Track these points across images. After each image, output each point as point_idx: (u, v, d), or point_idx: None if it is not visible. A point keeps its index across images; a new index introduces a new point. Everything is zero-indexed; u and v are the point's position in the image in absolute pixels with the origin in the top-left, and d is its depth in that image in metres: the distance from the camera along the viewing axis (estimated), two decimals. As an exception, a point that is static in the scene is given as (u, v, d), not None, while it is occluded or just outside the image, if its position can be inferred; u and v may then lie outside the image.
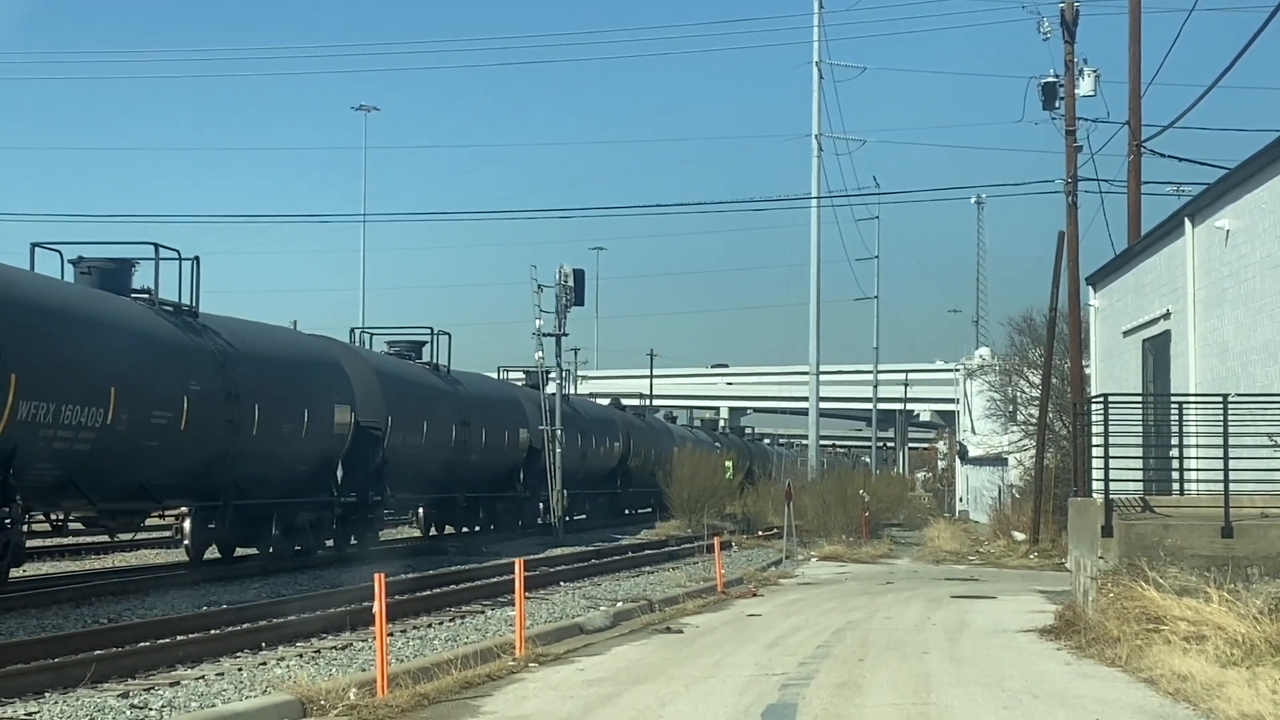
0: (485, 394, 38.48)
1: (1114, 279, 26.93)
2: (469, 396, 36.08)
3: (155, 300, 23.28)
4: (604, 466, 49.76)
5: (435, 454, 33.28)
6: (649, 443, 55.46)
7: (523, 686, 13.41)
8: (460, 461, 34.91)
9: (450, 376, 35.98)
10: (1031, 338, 44.99)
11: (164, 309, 23.37)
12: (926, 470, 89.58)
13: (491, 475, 37.99)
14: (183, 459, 22.67)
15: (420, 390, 33.51)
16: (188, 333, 23.40)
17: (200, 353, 23.40)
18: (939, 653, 15.82)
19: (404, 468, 31.42)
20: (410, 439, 31.68)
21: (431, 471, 33.30)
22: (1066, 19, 32.67)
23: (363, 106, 78.06)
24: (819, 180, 56.85)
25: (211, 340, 23.98)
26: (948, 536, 39.17)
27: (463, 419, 34.88)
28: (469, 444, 35.32)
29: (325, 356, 28.95)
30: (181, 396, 22.19)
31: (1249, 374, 18.66)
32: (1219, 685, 12.04)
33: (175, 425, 22.01)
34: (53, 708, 11.74)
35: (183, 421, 22.14)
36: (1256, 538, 15.76)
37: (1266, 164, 18.31)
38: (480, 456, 36.28)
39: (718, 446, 62.67)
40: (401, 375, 33.25)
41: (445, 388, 35.10)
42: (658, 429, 59.68)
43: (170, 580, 22.34)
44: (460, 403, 35.13)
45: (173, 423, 21.94)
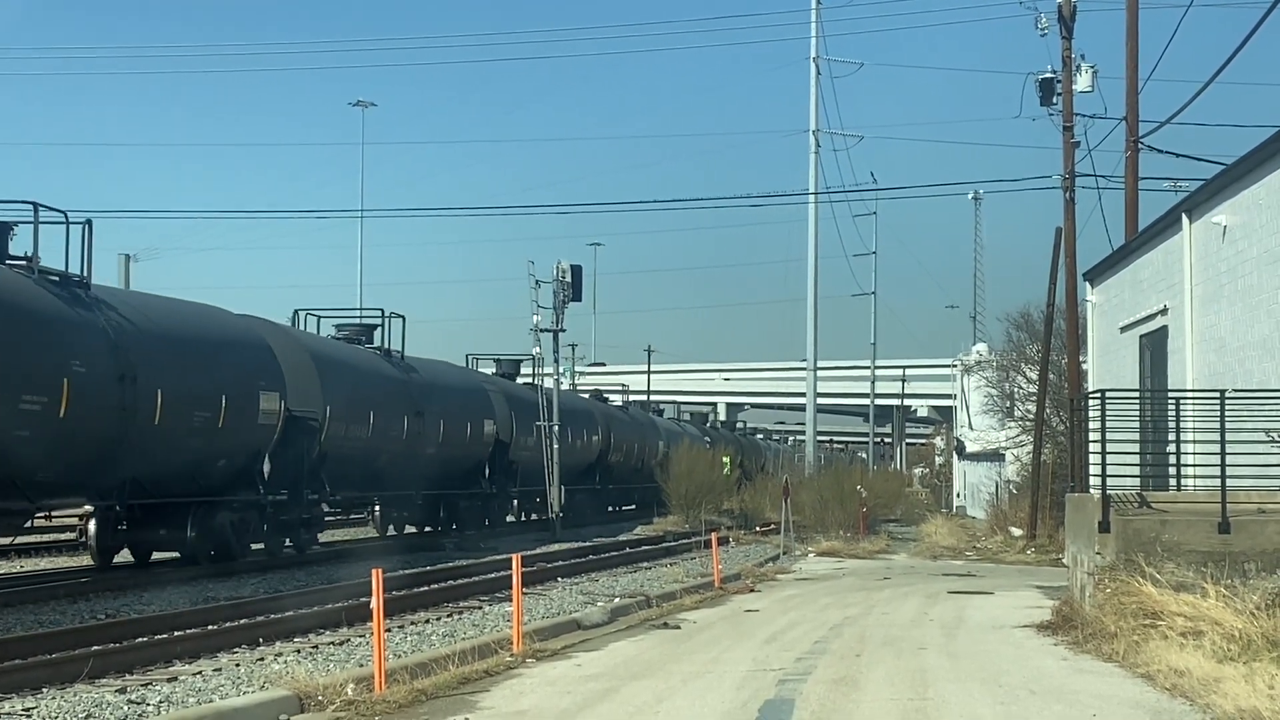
0: (444, 382, 35.42)
1: (1111, 275, 26.94)
2: (424, 385, 33.39)
3: (35, 268, 20.23)
4: (582, 461, 47.35)
5: (384, 447, 30.58)
6: (632, 436, 53.59)
7: (520, 682, 13.41)
8: (414, 455, 32.21)
9: (404, 363, 33.31)
10: (1029, 333, 45.00)
11: (47, 279, 20.38)
12: (924, 466, 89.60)
13: (453, 470, 35.17)
14: (64, 451, 19.75)
15: (366, 377, 30.60)
16: (74, 306, 20.44)
17: (88, 329, 20.42)
18: (936, 648, 15.82)
19: (347, 462, 28.85)
20: (354, 430, 28.88)
21: (381, 466, 30.77)
22: (1064, 15, 32.66)
23: (360, 102, 77.99)
24: (817, 176, 56.99)
25: (103, 315, 20.97)
26: (945, 532, 39.17)
27: (416, 409, 32.16)
28: (424, 436, 32.55)
29: (250, 338, 25.86)
30: (60, 379, 19.31)
31: (1246, 369, 18.68)
32: (1216, 680, 12.05)
33: (52, 412, 19.12)
34: (50, 703, 11.74)
35: (61, 408, 19.23)
36: (1253, 533, 15.77)
37: (1264, 160, 18.32)
38: (438, 450, 33.52)
39: (707, 441, 61.71)
40: (343, 360, 30.30)
41: (397, 375, 32.32)
42: (642, 422, 57.62)
43: (165, 577, 22.30)
44: (414, 391, 32.50)
45: (48, 409, 19.05)
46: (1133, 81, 30.04)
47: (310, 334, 31.04)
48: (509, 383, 42.45)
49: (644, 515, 50.98)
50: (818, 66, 57.77)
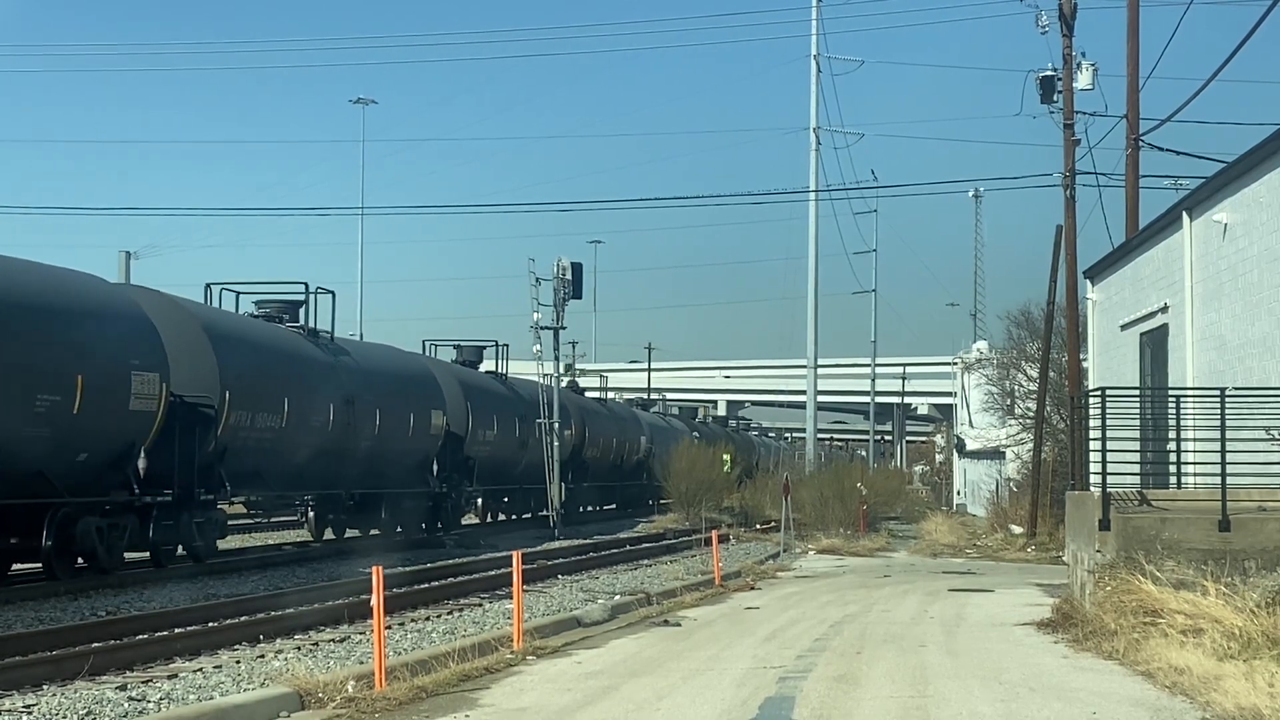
0: (383, 368, 31.47)
1: (1112, 273, 26.94)
2: (357, 369, 29.48)
3: None
4: None
5: (305, 440, 26.71)
6: (610, 431, 50.21)
7: (521, 679, 13.42)
8: (344, 449, 28.43)
9: (334, 345, 29.41)
10: (1029, 331, 44.99)
11: None
12: (924, 464, 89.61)
13: (393, 466, 31.24)
14: None
15: (282, 359, 26.66)
16: None
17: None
18: (936, 646, 15.83)
19: (254, 456, 25.10)
20: (263, 420, 25.05)
21: (301, 462, 27.02)
22: (1065, 13, 32.66)
23: (360, 100, 77.92)
24: (817, 174, 57.01)
25: None
26: (945, 530, 39.18)
27: (346, 396, 28.31)
28: (355, 427, 28.72)
29: (121, 307, 21.92)
30: None
31: (1246, 367, 18.69)
32: (1216, 678, 12.05)
33: None
34: (50, 700, 11.74)
35: None
36: (1254, 531, 15.78)
37: (1264, 158, 18.32)
38: (374, 444, 29.64)
39: (696, 436, 59.63)
40: (251, 338, 26.23)
41: (322, 357, 28.29)
42: (622, 417, 54.26)
43: (168, 574, 22.32)
44: (344, 376, 28.60)
45: None
46: (1133, 79, 30.05)
47: (209, 307, 26.84)
48: (467, 370, 38.68)
49: (626, 516, 49.50)
50: (818, 64, 57.85)
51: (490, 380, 40.12)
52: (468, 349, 40.79)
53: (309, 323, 28.99)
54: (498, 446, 38.06)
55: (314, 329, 29.01)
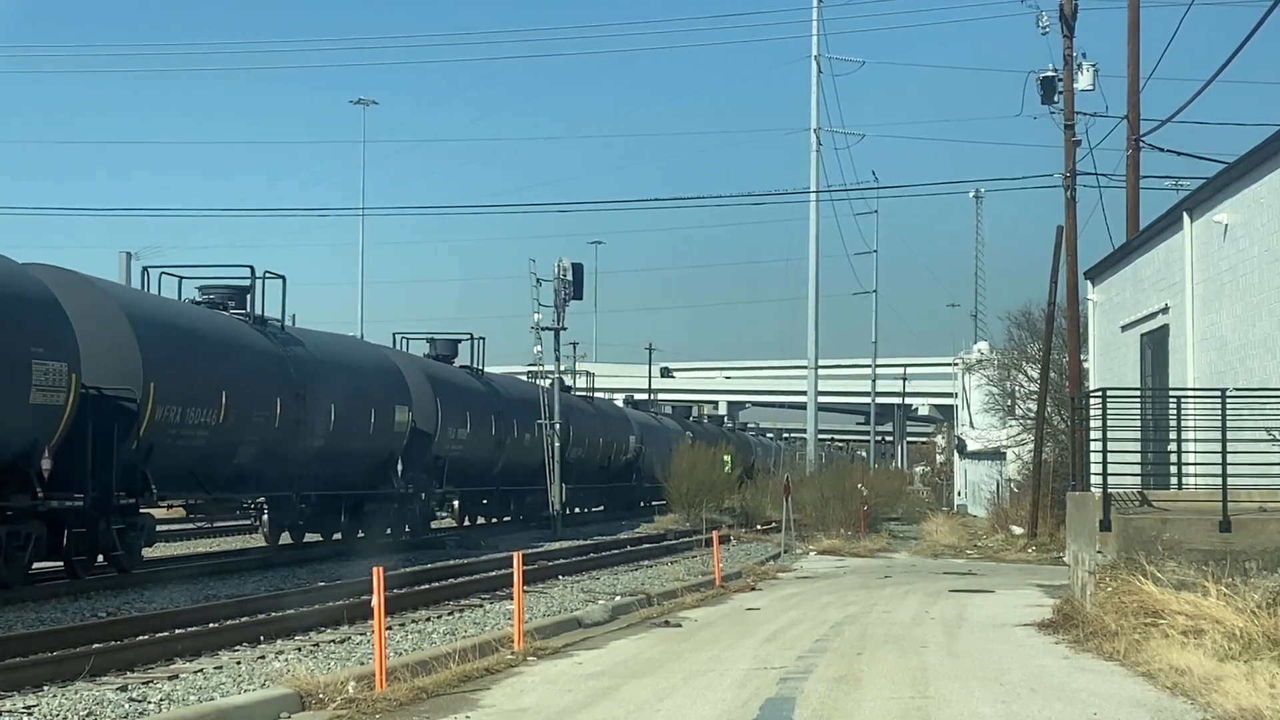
0: (340, 359, 29.22)
1: (1112, 273, 26.93)
2: (309, 361, 27.13)
3: None
4: (533, 458, 40.94)
5: (247, 437, 24.50)
6: (597, 430, 48.15)
7: (521, 680, 13.42)
8: (294, 448, 26.15)
9: (284, 334, 27.13)
10: (1030, 332, 44.99)
11: None
12: (925, 464, 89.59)
13: (351, 466, 28.97)
14: None
15: (221, 348, 24.29)
16: None
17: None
18: (937, 647, 15.83)
19: (186, 456, 22.91)
20: (196, 415, 22.75)
21: (244, 462, 24.82)
22: (1065, 13, 32.65)
23: (361, 100, 77.88)
24: (817, 175, 56.94)
25: None
26: (946, 531, 39.17)
27: (296, 390, 26.01)
28: (307, 425, 26.38)
29: (23, 289, 19.42)
30: None
31: (1247, 368, 18.68)
32: (1217, 679, 12.05)
33: None
34: (51, 701, 11.74)
35: None
36: (1254, 532, 15.77)
37: (1265, 159, 18.32)
38: (328, 442, 27.32)
39: (690, 436, 58.34)
40: (183, 325, 23.79)
41: (269, 348, 25.94)
42: (610, 415, 52.38)
43: (169, 574, 22.31)
44: (293, 368, 26.25)
45: None
46: (1134, 80, 30.03)
47: (133, 289, 24.66)
48: (437, 365, 36.25)
49: (614, 518, 48.18)
50: (819, 65, 57.77)
51: (464, 375, 38.06)
52: (441, 343, 38.77)
53: (254, 310, 26.59)
54: (471, 445, 35.81)
55: (262, 316, 26.71)
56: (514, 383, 43.53)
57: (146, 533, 22.61)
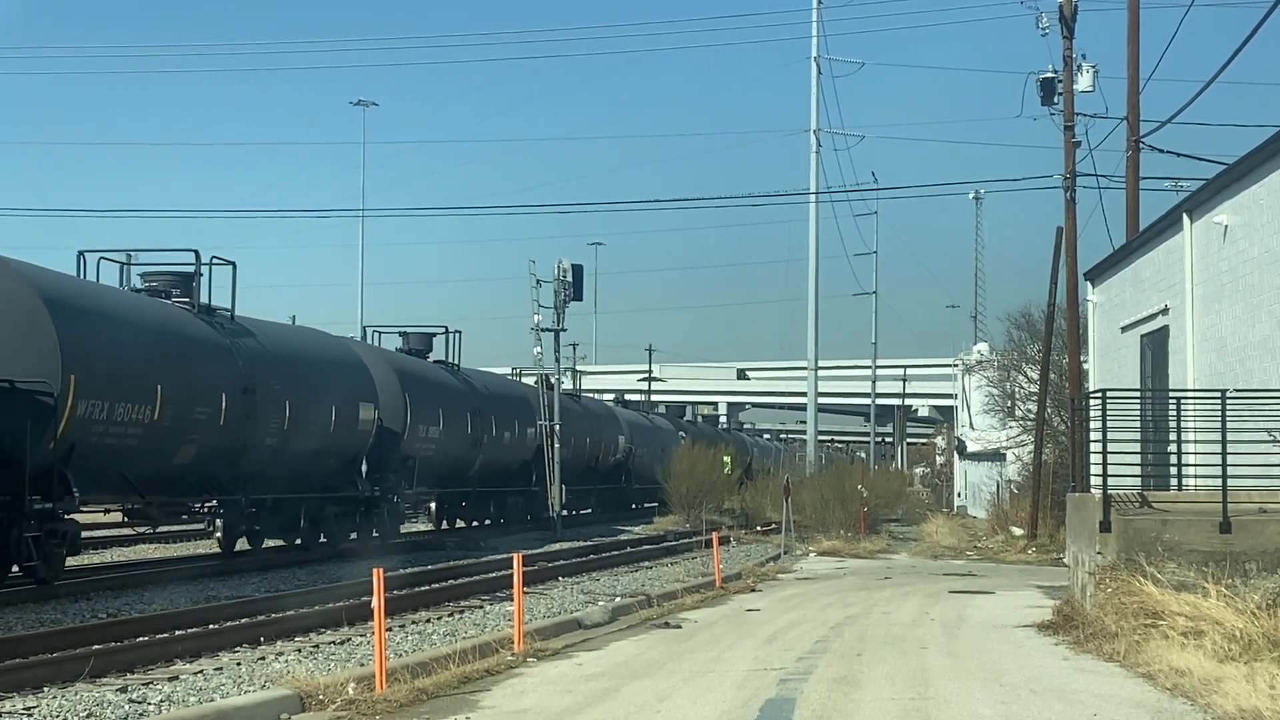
0: (296, 352, 27.07)
1: (1112, 274, 26.93)
2: (262, 354, 25.23)
3: None
4: (513, 458, 39.28)
5: (189, 436, 22.54)
6: (583, 430, 46.08)
7: (521, 681, 13.42)
8: (243, 447, 24.23)
9: (234, 324, 25.13)
10: (1030, 333, 45.01)
11: None
12: (925, 465, 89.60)
13: (310, 467, 27.07)
14: None
15: (157, 339, 22.17)
16: None
17: None
18: (937, 648, 15.83)
19: (116, 456, 20.96)
20: (126, 412, 20.80)
21: (185, 463, 22.86)
22: (1065, 14, 32.67)
23: (361, 102, 77.92)
24: (817, 175, 56.97)
25: None
26: (946, 532, 39.19)
27: (245, 384, 24.08)
28: (258, 422, 24.44)
29: None
30: None
31: (1247, 369, 18.68)
32: (1217, 680, 12.05)
33: None
34: (51, 702, 11.74)
35: None
36: (1254, 533, 15.77)
37: (1265, 159, 18.32)
38: (283, 441, 25.40)
39: (683, 436, 57.37)
40: (112, 313, 21.63)
41: (215, 339, 23.97)
42: (597, 414, 50.33)
43: (169, 575, 22.30)
44: (243, 361, 24.32)
45: None
46: (1134, 81, 30.04)
47: (52, 272, 21.70)
48: (407, 358, 34.38)
49: (601, 520, 46.93)
50: (819, 66, 57.79)
51: (438, 371, 35.85)
52: (414, 336, 36.59)
53: (200, 298, 24.56)
54: (445, 444, 33.72)
55: (208, 306, 24.75)
56: (493, 379, 41.43)
57: (69, 540, 20.52)
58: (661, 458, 54.40)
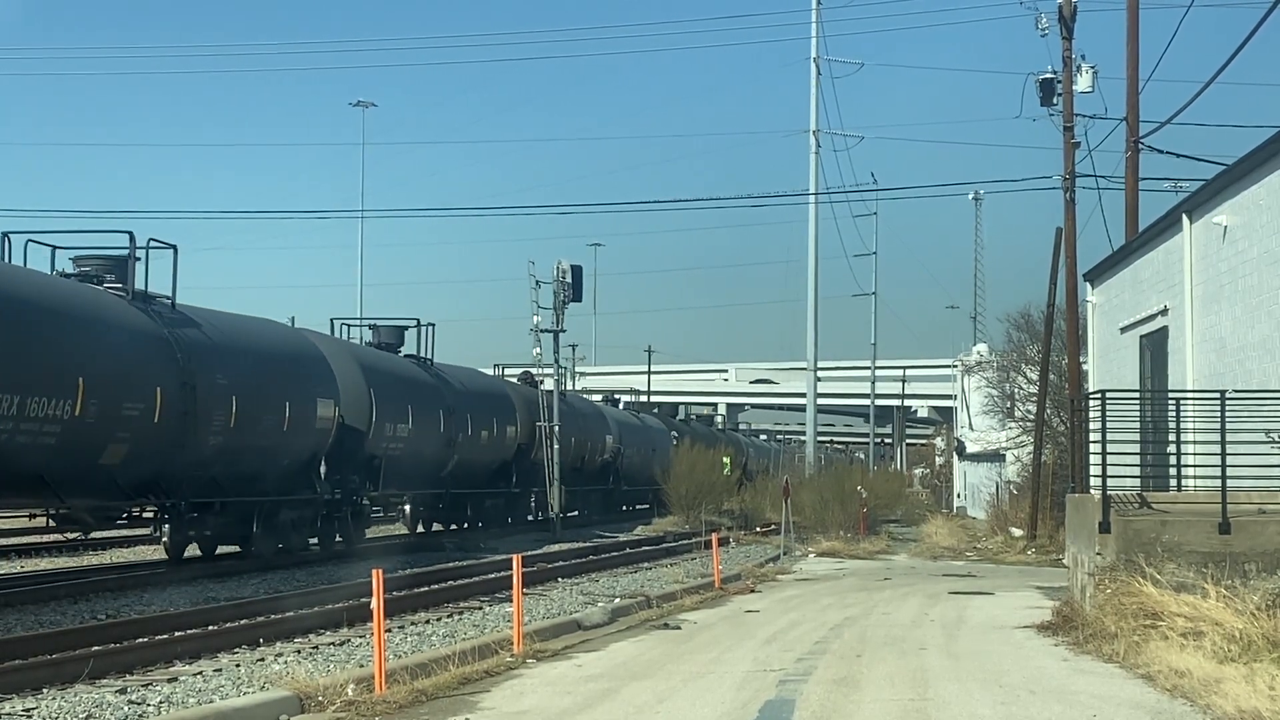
0: (245, 344, 24.91)
1: (1112, 275, 26.94)
2: (205, 345, 23.15)
3: None
4: (492, 459, 37.42)
5: (115, 434, 20.52)
6: (568, 429, 43.16)
7: (521, 682, 13.41)
8: (182, 446, 22.16)
9: (174, 313, 23.04)
10: (1029, 334, 45.01)
11: None
12: (924, 466, 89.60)
13: (264, 467, 25.23)
14: None
15: (77, 327, 20.06)
16: None
17: None
18: (936, 648, 15.82)
19: (28, 456, 18.88)
20: (39, 408, 18.69)
21: (113, 463, 20.75)
22: (1064, 15, 32.67)
23: (360, 102, 77.98)
24: (817, 176, 57.02)
25: None
26: (945, 532, 39.18)
27: (184, 379, 22.07)
28: (198, 419, 22.34)
29: None
30: None
31: (1246, 370, 18.68)
32: (1216, 681, 12.05)
33: None
34: (50, 704, 11.74)
35: None
36: (1254, 534, 15.77)
37: (1264, 160, 18.32)
38: (228, 440, 23.36)
39: (675, 436, 56.67)
40: (17, 296, 19.29)
41: (148, 328, 21.87)
42: (584, 413, 48.33)
43: (169, 576, 22.29)
44: (180, 353, 22.23)
45: None
46: (1133, 82, 30.05)
47: None
48: (373, 352, 32.56)
49: (592, 524, 45.15)
50: (818, 67, 57.86)
51: (408, 365, 33.71)
52: (384, 330, 34.58)
53: (134, 283, 22.56)
54: (414, 444, 31.54)
55: (144, 291, 22.76)
56: (470, 375, 38.75)
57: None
58: (653, 458, 53.75)
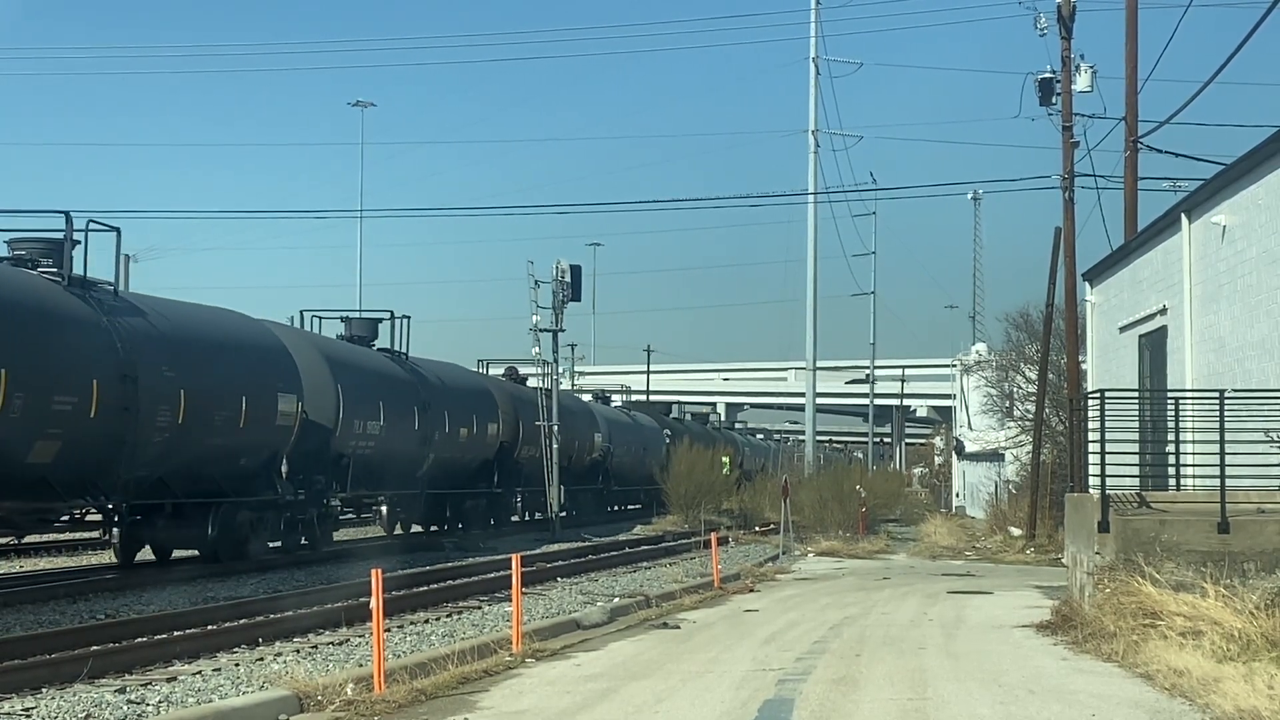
0: (194, 334, 23.27)
1: (1111, 275, 26.94)
2: (147, 335, 21.55)
3: None
4: (472, 457, 35.80)
5: (44, 430, 19.21)
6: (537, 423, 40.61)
7: (520, 682, 13.41)
8: (120, 443, 20.70)
9: (116, 300, 21.74)
10: (1028, 333, 45.01)
11: None
12: (923, 466, 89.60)
13: (216, 468, 23.72)
14: None
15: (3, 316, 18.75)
16: None
17: None
18: (935, 648, 15.82)
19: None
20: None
21: (46, 463, 19.55)
22: (1063, 15, 32.66)
23: (359, 102, 77.94)
24: (816, 176, 57.05)
25: None
26: (944, 532, 39.19)
27: (121, 371, 20.60)
28: (140, 415, 21.00)
29: None
30: None
31: (1245, 369, 18.68)
32: (1215, 680, 12.05)
33: None
34: (49, 703, 11.74)
35: None
36: (1253, 533, 15.77)
37: (1263, 160, 18.33)
38: (175, 437, 21.83)
39: (667, 434, 55.76)
40: None
41: (84, 316, 20.53)
42: (572, 410, 46.17)
43: (166, 577, 22.29)
44: (121, 343, 20.80)
45: None
46: (1132, 81, 30.06)
47: None
48: (341, 345, 30.98)
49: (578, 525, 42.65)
50: (817, 66, 57.93)
51: (380, 359, 32.08)
52: (357, 322, 32.88)
53: (71, 268, 21.16)
54: (387, 442, 29.88)
55: (83, 277, 21.33)
56: (449, 370, 36.78)
57: None
58: (644, 457, 53.16)
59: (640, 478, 53.25)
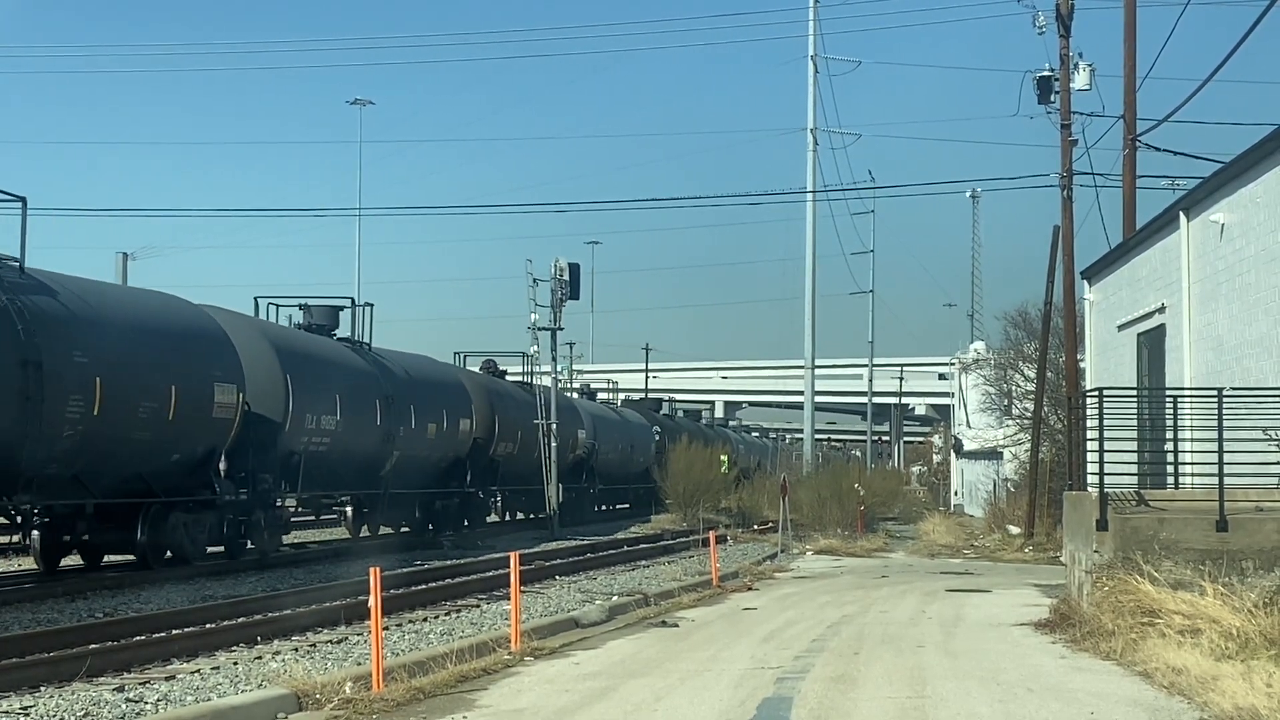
0: (115, 318, 21.39)
1: (1109, 273, 26.94)
2: (59, 319, 19.80)
3: None
4: (441, 455, 33.67)
5: None
6: (529, 422, 39.43)
7: (518, 680, 13.41)
8: (27, 439, 18.99)
9: (23, 278, 19.74)
10: (1027, 332, 45.02)
11: None
12: (922, 464, 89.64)
13: (143, 465, 21.95)
14: None
15: None
16: None
17: None
18: (934, 646, 15.83)
19: None
20: None
21: None
22: (1062, 13, 32.67)
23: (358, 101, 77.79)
24: (814, 174, 57.02)
25: None
26: (943, 530, 39.18)
27: (24, 356, 18.86)
28: (46, 406, 19.14)
29: None
30: None
31: (1244, 368, 18.69)
32: (1214, 678, 12.05)
33: None
34: (48, 702, 11.73)
35: None
36: (1251, 531, 15.78)
37: (1261, 158, 18.33)
38: (90, 430, 20.11)
39: (657, 432, 54.97)
40: None
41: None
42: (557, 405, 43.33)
43: (166, 575, 22.28)
44: (24, 328, 18.97)
45: None
46: (1130, 79, 30.07)
47: None
48: (296, 334, 28.89)
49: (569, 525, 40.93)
50: (816, 65, 57.87)
51: (339, 349, 29.77)
52: (317, 310, 30.54)
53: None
54: (344, 438, 27.99)
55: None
56: (416, 361, 34.46)
57: None
58: (632, 455, 52.33)
59: (628, 476, 52.61)
